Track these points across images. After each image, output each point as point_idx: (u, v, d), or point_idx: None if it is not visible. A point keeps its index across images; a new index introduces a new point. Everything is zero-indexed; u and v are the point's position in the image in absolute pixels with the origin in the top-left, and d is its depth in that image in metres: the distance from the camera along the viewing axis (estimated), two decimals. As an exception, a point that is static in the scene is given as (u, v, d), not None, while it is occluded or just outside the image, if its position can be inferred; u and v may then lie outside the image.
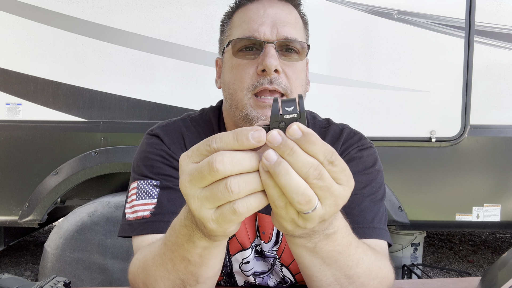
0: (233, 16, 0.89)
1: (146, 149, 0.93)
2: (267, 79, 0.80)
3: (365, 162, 0.90)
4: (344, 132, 0.95)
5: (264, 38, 0.81)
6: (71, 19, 2.42)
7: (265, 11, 0.83)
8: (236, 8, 0.89)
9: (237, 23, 0.86)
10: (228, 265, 0.94)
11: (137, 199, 0.87)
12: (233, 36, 0.85)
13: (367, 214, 0.84)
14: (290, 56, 0.83)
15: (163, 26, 2.41)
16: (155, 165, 0.90)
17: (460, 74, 2.44)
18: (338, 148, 0.92)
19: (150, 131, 0.96)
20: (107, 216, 2.26)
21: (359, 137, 0.95)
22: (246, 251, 0.91)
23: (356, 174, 0.82)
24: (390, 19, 2.41)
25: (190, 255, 0.61)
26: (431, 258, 3.87)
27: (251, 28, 0.82)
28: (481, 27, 2.43)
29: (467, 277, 3.01)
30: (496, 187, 2.52)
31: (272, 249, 0.91)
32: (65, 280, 0.84)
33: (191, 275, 0.64)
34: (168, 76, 2.45)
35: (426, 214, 2.52)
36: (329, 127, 0.96)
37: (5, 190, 2.49)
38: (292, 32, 0.83)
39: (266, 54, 0.79)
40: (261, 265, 0.94)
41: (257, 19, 0.82)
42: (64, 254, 2.25)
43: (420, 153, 2.48)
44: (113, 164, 2.41)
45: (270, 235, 0.89)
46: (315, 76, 2.40)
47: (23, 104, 2.45)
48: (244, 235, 0.89)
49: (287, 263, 0.92)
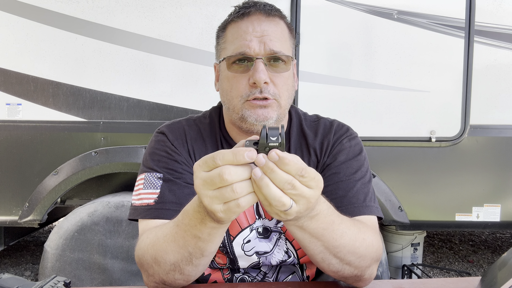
0: (226, 30, 1.02)
1: (154, 145, 1.06)
2: (258, 89, 0.95)
3: (354, 151, 1.05)
4: (333, 124, 1.10)
5: (254, 53, 0.95)
6: (71, 19, 2.42)
7: (253, 29, 0.96)
8: (229, 22, 1.01)
9: (230, 38, 0.99)
10: (230, 252, 1.05)
11: (143, 188, 1.01)
12: (227, 49, 0.99)
13: (360, 195, 0.99)
14: (278, 66, 0.97)
15: (163, 26, 2.41)
16: (161, 159, 1.03)
17: (460, 74, 2.44)
18: (330, 139, 1.06)
19: (158, 130, 1.10)
20: (107, 216, 2.26)
21: (346, 128, 1.10)
22: (245, 230, 1.05)
23: (348, 161, 1.02)
24: (390, 19, 2.42)
25: (201, 233, 0.77)
26: (431, 258, 3.87)
27: (243, 44, 0.95)
28: (481, 27, 2.43)
29: (467, 277, 3.01)
30: (496, 187, 2.52)
31: (277, 226, 1.05)
32: (65, 280, 0.85)
33: (198, 250, 0.80)
34: (168, 76, 2.45)
35: (426, 214, 2.52)
36: (319, 121, 1.11)
37: (5, 190, 2.49)
38: (278, 46, 0.96)
39: (256, 69, 0.93)
40: (264, 246, 1.05)
41: (247, 36, 0.95)
42: (64, 254, 2.25)
43: (420, 153, 2.48)
44: (113, 164, 2.41)
45: None
46: (315, 76, 2.40)
47: (23, 104, 2.45)
48: (242, 217, 1.04)
49: (291, 238, 1.05)
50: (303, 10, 2.39)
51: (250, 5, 1.00)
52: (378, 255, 0.93)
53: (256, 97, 0.95)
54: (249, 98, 0.95)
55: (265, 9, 0.98)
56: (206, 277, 1.11)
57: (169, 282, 0.88)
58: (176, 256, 0.83)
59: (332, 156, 1.04)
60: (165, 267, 0.85)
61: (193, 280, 0.90)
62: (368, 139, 2.42)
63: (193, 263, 0.83)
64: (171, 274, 0.86)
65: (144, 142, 2.44)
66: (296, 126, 1.09)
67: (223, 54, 1.01)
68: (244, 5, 1.00)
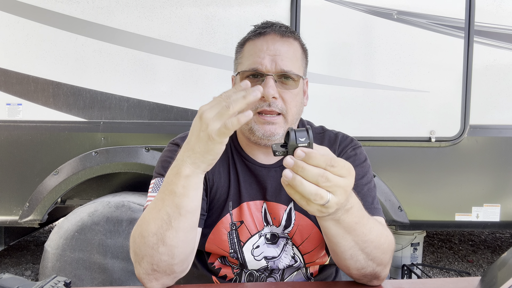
0: (244, 46, 1.10)
1: (166, 154, 1.12)
2: (266, 103, 1.02)
3: (360, 159, 1.12)
4: (338, 136, 1.17)
5: (265, 70, 1.03)
6: (71, 19, 2.42)
7: (267, 48, 1.04)
8: (247, 39, 1.10)
9: (246, 54, 1.08)
10: (241, 257, 1.10)
11: (151, 192, 1.06)
12: (243, 64, 1.08)
13: (368, 198, 1.05)
14: (287, 83, 1.05)
15: (163, 26, 2.41)
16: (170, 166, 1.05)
17: (459, 74, 2.44)
18: (336, 149, 1.13)
19: (172, 141, 1.16)
20: (107, 216, 2.27)
21: (350, 139, 1.17)
22: (254, 236, 1.11)
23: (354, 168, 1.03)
24: (390, 19, 2.42)
25: (176, 187, 0.83)
26: (430, 258, 3.88)
27: (256, 61, 1.04)
28: (481, 27, 2.43)
29: (467, 277, 3.02)
30: (495, 187, 2.53)
31: (284, 232, 1.11)
32: (65, 280, 0.85)
33: (175, 208, 0.84)
34: (168, 76, 2.45)
35: (426, 214, 2.53)
36: (325, 133, 1.19)
37: (5, 190, 2.49)
38: (288, 65, 1.04)
39: (266, 85, 1.00)
40: (272, 251, 1.11)
41: (261, 54, 1.04)
42: (64, 254, 2.25)
43: (420, 153, 2.48)
44: (113, 164, 2.41)
45: (280, 220, 1.10)
46: (315, 76, 2.40)
47: (24, 104, 2.45)
48: (251, 224, 1.10)
49: (297, 244, 1.11)
50: (303, 10, 2.39)
51: (267, 25, 1.08)
52: (393, 254, 0.99)
53: (264, 110, 1.02)
54: (258, 110, 1.03)
55: (281, 30, 1.07)
56: (217, 270, 1.15)
57: (156, 261, 0.89)
58: (156, 222, 0.86)
59: None
60: (149, 241, 0.88)
61: (179, 260, 0.91)
62: (368, 139, 2.42)
63: (173, 226, 0.86)
64: (155, 248, 0.88)
65: (144, 142, 2.44)
66: None
67: (239, 68, 1.10)
68: (262, 25, 1.09)
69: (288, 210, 1.10)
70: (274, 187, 1.10)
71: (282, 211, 1.10)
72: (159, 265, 0.90)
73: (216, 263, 1.15)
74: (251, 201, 1.10)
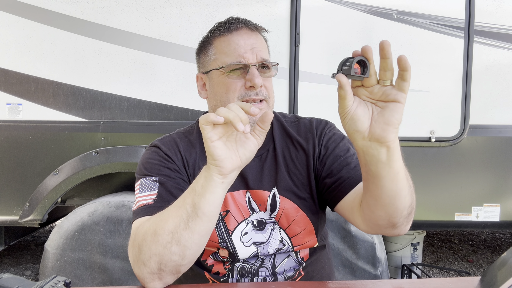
0: (214, 43, 1.13)
1: (147, 156, 1.15)
2: (254, 92, 1.07)
3: (339, 136, 1.18)
4: (312, 121, 1.22)
5: (249, 62, 1.08)
6: (71, 19, 2.42)
7: (245, 42, 1.10)
8: (218, 35, 1.13)
9: (223, 50, 1.11)
10: (230, 245, 1.13)
11: (139, 193, 1.07)
12: (221, 59, 1.11)
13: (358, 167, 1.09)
14: (266, 72, 1.12)
15: (163, 26, 2.42)
16: (154, 166, 1.11)
17: (459, 74, 2.44)
18: (314, 133, 1.18)
19: (150, 144, 1.18)
20: (107, 216, 2.27)
21: (325, 122, 1.22)
22: (241, 224, 1.14)
23: (338, 145, 1.15)
24: (390, 19, 2.42)
25: (197, 185, 0.87)
26: (430, 258, 3.88)
27: (239, 55, 1.08)
28: (481, 27, 2.43)
29: (467, 276, 3.02)
30: (495, 187, 2.53)
31: (271, 217, 1.15)
32: (65, 279, 0.85)
33: (193, 207, 0.87)
34: (169, 76, 2.45)
35: (426, 214, 2.53)
36: (299, 121, 1.23)
37: (5, 190, 2.49)
38: (265, 54, 1.12)
39: (253, 75, 1.06)
40: (260, 237, 1.15)
41: (241, 48, 1.09)
42: (64, 254, 2.25)
43: (420, 153, 2.48)
44: (113, 164, 2.41)
45: (265, 206, 1.14)
46: (315, 76, 2.40)
47: (24, 104, 2.45)
48: (237, 212, 1.14)
49: (284, 227, 1.15)
50: (303, 10, 2.39)
51: (236, 20, 1.12)
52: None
53: (253, 99, 1.07)
54: (245, 99, 1.07)
55: (251, 25, 1.13)
56: (209, 268, 1.17)
57: (166, 260, 0.89)
58: (175, 220, 0.89)
59: (324, 147, 1.15)
60: (163, 239, 0.89)
61: (188, 261, 0.92)
62: (368, 139, 2.42)
63: (190, 227, 0.88)
64: (168, 248, 0.89)
65: (144, 142, 2.44)
66: (278, 127, 1.20)
67: (214, 64, 1.13)
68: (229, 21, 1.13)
69: (272, 195, 1.13)
70: (254, 175, 1.14)
71: (266, 196, 1.14)
72: (167, 265, 0.90)
73: (209, 260, 1.16)
74: (234, 191, 1.13)
